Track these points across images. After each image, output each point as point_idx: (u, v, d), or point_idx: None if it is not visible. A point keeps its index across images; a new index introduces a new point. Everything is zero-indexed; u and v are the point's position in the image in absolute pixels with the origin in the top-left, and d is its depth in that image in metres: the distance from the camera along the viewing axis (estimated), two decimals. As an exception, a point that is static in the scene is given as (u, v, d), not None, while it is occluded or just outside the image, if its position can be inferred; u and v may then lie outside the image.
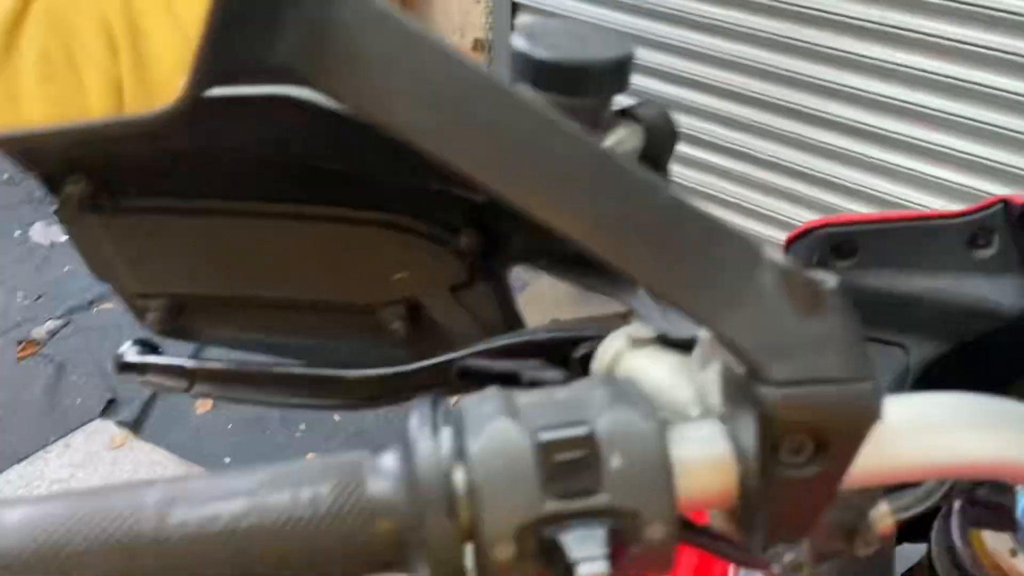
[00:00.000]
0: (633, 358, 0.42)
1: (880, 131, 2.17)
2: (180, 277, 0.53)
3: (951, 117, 2.06)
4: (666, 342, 0.42)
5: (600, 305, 0.48)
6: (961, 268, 0.59)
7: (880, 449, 0.33)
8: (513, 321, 0.54)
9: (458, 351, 0.45)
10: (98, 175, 0.50)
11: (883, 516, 0.38)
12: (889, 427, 0.33)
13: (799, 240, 0.59)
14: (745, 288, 0.30)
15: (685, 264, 0.30)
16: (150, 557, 0.30)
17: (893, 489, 0.43)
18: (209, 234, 0.53)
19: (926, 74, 2.05)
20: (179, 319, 0.55)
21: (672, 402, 0.39)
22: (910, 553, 0.65)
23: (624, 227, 0.31)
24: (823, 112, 2.23)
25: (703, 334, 0.38)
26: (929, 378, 0.60)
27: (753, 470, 0.32)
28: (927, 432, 0.34)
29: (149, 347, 0.53)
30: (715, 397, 0.36)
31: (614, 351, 0.42)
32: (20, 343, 2.52)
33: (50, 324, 2.59)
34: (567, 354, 0.46)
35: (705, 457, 0.33)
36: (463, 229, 0.52)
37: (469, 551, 0.31)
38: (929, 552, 0.60)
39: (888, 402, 0.34)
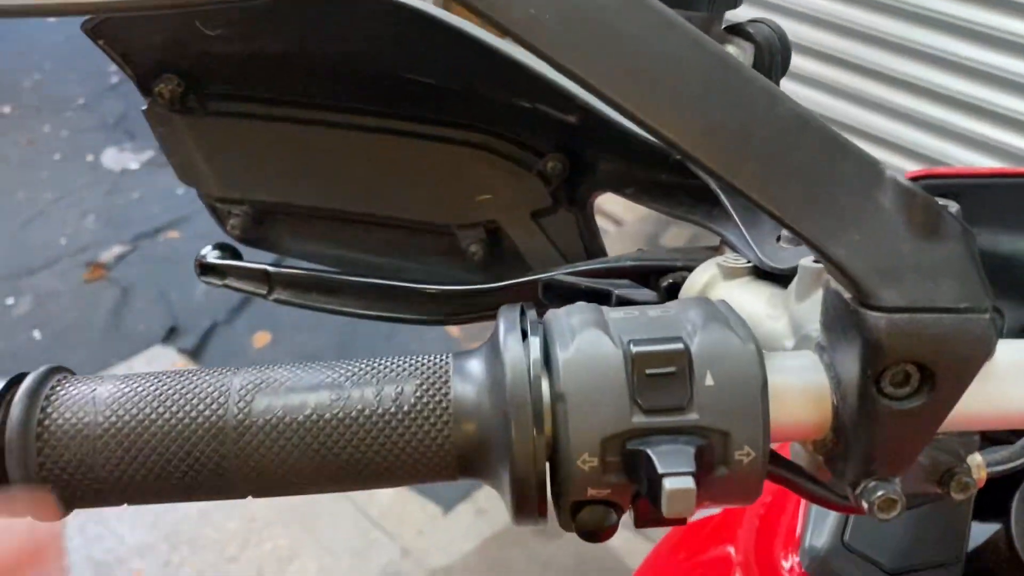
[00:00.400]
0: (726, 288, 0.40)
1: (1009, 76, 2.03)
2: (263, 184, 0.53)
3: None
4: (760, 274, 0.41)
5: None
6: None
7: (988, 389, 0.31)
8: (594, 251, 0.53)
9: (541, 273, 0.44)
10: (189, 76, 0.50)
11: (976, 467, 0.37)
12: (999, 367, 0.32)
13: None
14: (862, 207, 0.29)
15: (801, 179, 0.29)
16: (232, 439, 0.30)
17: (987, 444, 0.42)
18: (295, 142, 0.52)
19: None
20: (260, 228, 0.55)
21: (767, 333, 0.38)
22: (976, 534, 0.64)
23: (739, 137, 0.29)
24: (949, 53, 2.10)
25: (805, 262, 0.36)
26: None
27: (851, 401, 0.31)
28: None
29: (230, 251, 0.54)
30: (813, 328, 0.34)
31: (705, 280, 0.41)
32: (88, 265, 2.59)
33: (117, 249, 2.65)
34: (653, 284, 0.45)
35: (800, 385, 0.32)
36: (550, 153, 0.51)
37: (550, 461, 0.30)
38: (1008, 527, 0.58)
39: (1000, 343, 0.33)
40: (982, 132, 2.10)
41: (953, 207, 0.30)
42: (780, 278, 0.39)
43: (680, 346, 0.30)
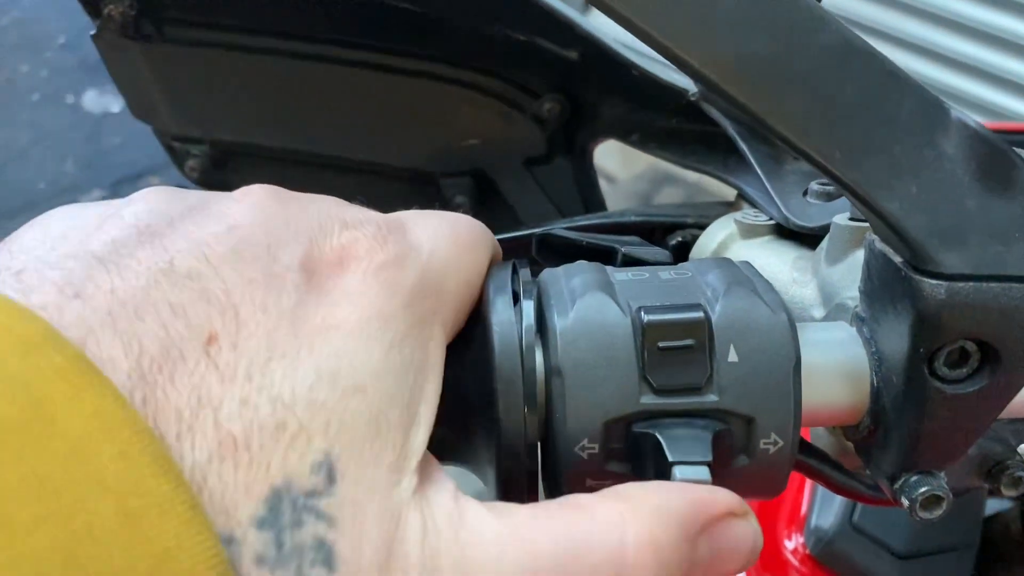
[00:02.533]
0: (744, 248, 0.36)
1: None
2: (225, 122, 0.48)
3: None
4: (784, 232, 0.36)
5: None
6: None
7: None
8: (593, 205, 0.48)
9: (535, 227, 0.39)
10: (142, -3, 0.44)
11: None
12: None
13: None
14: (922, 154, 0.24)
15: (849, 119, 0.24)
16: None
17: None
18: (261, 76, 0.47)
19: None
20: (221, 171, 0.49)
21: (792, 300, 0.33)
22: (995, 507, 0.60)
23: (777, 67, 0.24)
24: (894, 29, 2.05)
25: (840, 220, 0.31)
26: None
27: (896, 382, 0.26)
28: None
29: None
30: (849, 296, 0.30)
31: (721, 239, 0.36)
32: (67, 211, 2.52)
33: (97, 194, 2.58)
34: (657, 242, 0.40)
35: (833, 363, 0.27)
36: (547, 94, 0.46)
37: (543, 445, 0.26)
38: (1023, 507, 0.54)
39: None
40: (991, 98, 2.04)
41: (1029, 158, 0.25)
42: (807, 238, 0.35)
43: (699, 315, 0.25)
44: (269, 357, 0.19)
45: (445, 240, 0.24)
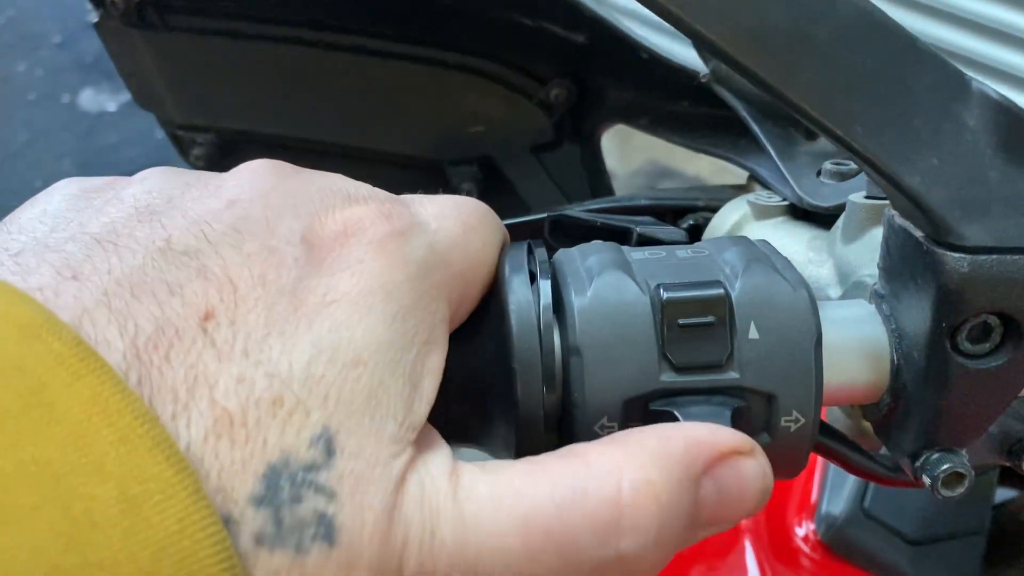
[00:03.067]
0: (758, 229, 0.35)
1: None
2: (230, 110, 0.48)
3: None
4: (798, 213, 0.36)
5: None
6: None
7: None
8: (601, 191, 0.48)
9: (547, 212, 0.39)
10: (145, -16, 0.44)
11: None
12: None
13: None
14: (943, 125, 0.24)
15: (868, 90, 0.24)
16: None
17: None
18: (266, 63, 0.46)
19: None
20: (226, 159, 0.49)
21: (809, 279, 0.33)
22: (1005, 495, 0.60)
23: (794, 38, 0.24)
24: None
25: (855, 198, 0.31)
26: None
27: (917, 359, 0.26)
28: None
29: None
30: (867, 273, 0.29)
31: (735, 220, 0.36)
32: (65, 210, 2.51)
33: (95, 193, 2.57)
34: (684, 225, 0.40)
35: (853, 340, 0.27)
36: (554, 79, 0.46)
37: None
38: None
39: None
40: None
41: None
42: (822, 218, 0.34)
43: (720, 291, 0.25)
44: (267, 332, 0.19)
45: (452, 220, 0.24)
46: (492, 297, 0.26)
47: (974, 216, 0.24)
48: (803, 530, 0.52)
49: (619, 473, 0.21)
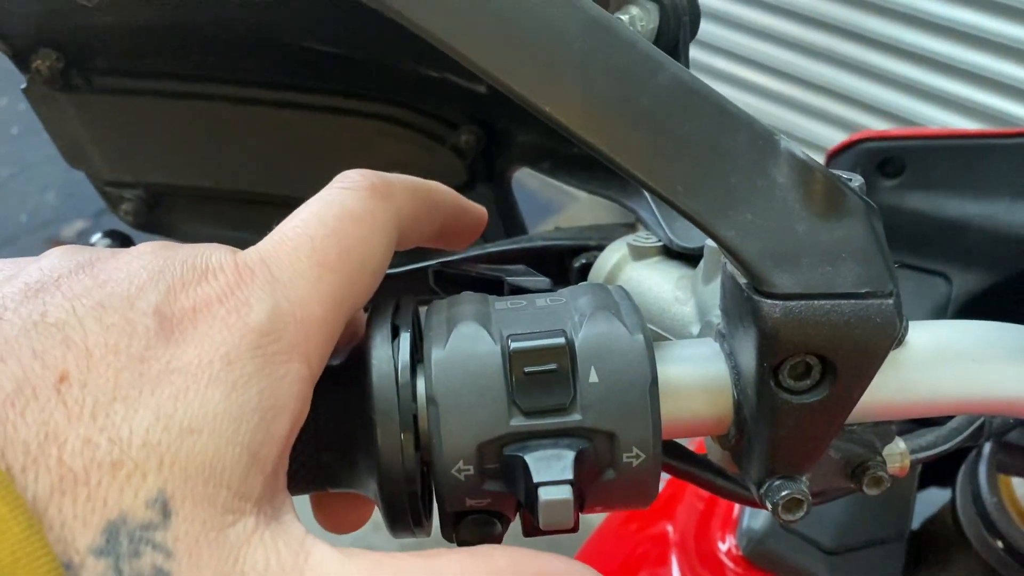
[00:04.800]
0: (635, 269, 0.38)
1: (925, 53, 2.04)
2: (155, 166, 0.50)
3: (995, 38, 1.93)
4: (671, 253, 0.38)
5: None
6: (1017, 193, 0.54)
7: (896, 377, 0.29)
8: (513, 229, 0.50)
9: (442, 257, 0.41)
10: (69, 50, 0.46)
11: (899, 456, 0.34)
12: (908, 354, 0.29)
13: (842, 154, 0.55)
14: (754, 183, 0.26)
15: (687, 154, 0.26)
16: None
17: (916, 426, 0.39)
18: (188, 119, 0.49)
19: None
20: (154, 212, 0.51)
21: (675, 318, 0.35)
22: (935, 498, 0.62)
23: (618, 109, 0.26)
24: (865, 30, 2.10)
25: (710, 242, 0.34)
26: (972, 313, 0.55)
27: (750, 395, 0.28)
28: (950, 362, 0.29)
29: (119, 238, 0.50)
30: (716, 314, 0.32)
31: (615, 261, 0.38)
32: (49, 242, 2.53)
33: (79, 224, 2.60)
34: (567, 265, 0.42)
35: (695, 378, 0.29)
36: (464, 125, 0.48)
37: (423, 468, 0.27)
38: (953, 499, 0.56)
39: (910, 327, 0.30)
40: (956, 92, 2.08)
41: (857, 181, 0.27)
42: (692, 258, 0.37)
43: (561, 340, 0.27)
44: (113, 398, 0.21)
45: (305, 262, 0.25)
46: (361, 350, 0.29)
47: (784, 266, 0.26)
48: (726, 545, 0.54)
49: None
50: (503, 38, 0.26)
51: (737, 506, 0.55)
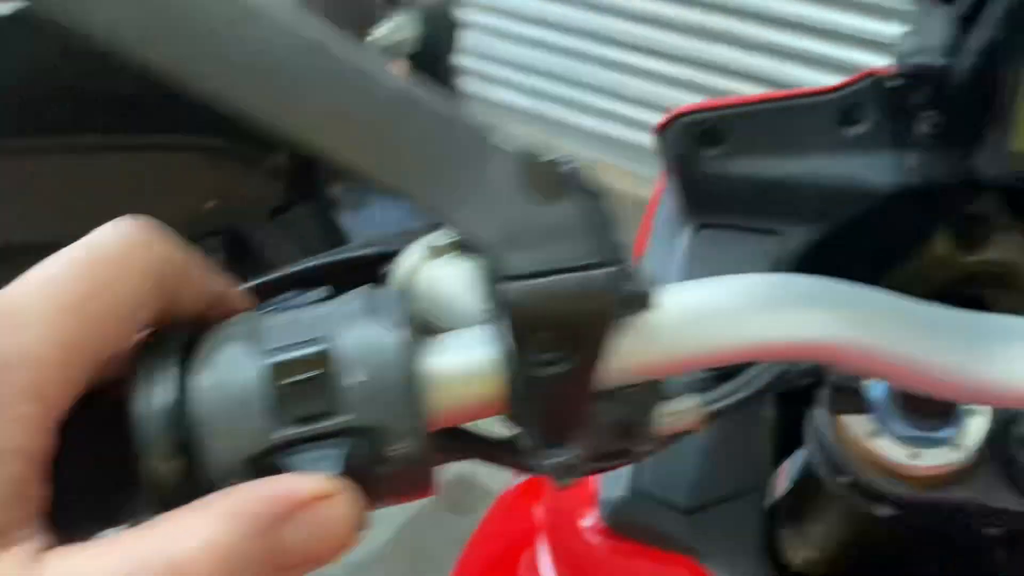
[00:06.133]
0: (431, 268, 0.39)
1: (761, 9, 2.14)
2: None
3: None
4: (465, 249, 0.40)
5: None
6: (833, 147, 0.57)
7: (650, 338, 0.31)
8: (338, 242, 0.51)
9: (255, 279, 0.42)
10: None
11: (693, 409, 0.37)
12: (660, 315, 0.32)
13: (665, 130, 0.57)
14: (475, 177, 0.28)
15: (412, 157, 0.28)
16: None
17: (719, 380, 0.42)
18: (12, 177, 0.49)
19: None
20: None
21: (464, 311, 0.37)
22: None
23: (343, 120, 0.28)
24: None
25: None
26: (805, 267, 0.58)
27: (516, 373, 0.30)
28: (704, 318, 0.32)
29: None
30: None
31: (412, 262, 0.40)
32: None
33: None
34: (377, 272, 0.44)
35: (466, 364, 0.31)
36: (278, 148, 0.49)
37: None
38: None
39: (672, 289, 0.33)
40: (821, 51, 2.17)
41: (571, 163, 0.29)
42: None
43: (315, 349, 0.28)
44: None
45: (43, 312, 0.26)
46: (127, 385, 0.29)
47: (513, 249, 0.28)
48: (590, 520, 0.56)
49: (187, 537, 0.24)
50: (223, 61, 0.27)
51: (596, 479, 0.56)
